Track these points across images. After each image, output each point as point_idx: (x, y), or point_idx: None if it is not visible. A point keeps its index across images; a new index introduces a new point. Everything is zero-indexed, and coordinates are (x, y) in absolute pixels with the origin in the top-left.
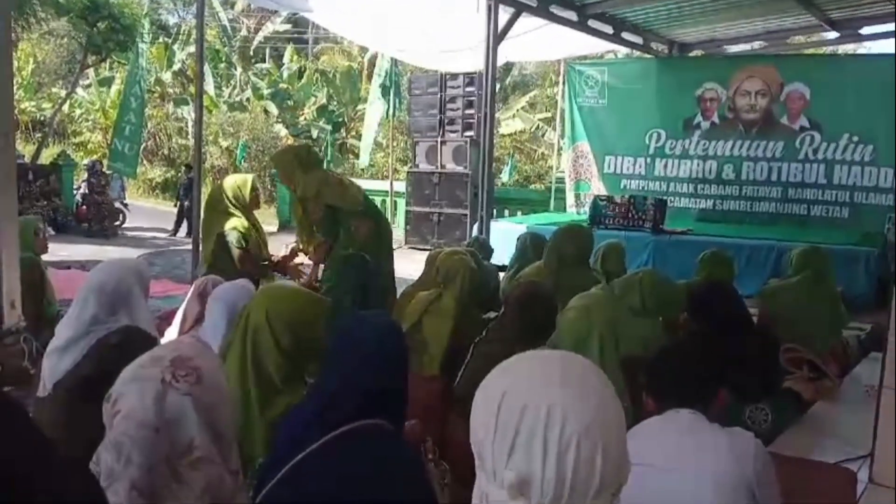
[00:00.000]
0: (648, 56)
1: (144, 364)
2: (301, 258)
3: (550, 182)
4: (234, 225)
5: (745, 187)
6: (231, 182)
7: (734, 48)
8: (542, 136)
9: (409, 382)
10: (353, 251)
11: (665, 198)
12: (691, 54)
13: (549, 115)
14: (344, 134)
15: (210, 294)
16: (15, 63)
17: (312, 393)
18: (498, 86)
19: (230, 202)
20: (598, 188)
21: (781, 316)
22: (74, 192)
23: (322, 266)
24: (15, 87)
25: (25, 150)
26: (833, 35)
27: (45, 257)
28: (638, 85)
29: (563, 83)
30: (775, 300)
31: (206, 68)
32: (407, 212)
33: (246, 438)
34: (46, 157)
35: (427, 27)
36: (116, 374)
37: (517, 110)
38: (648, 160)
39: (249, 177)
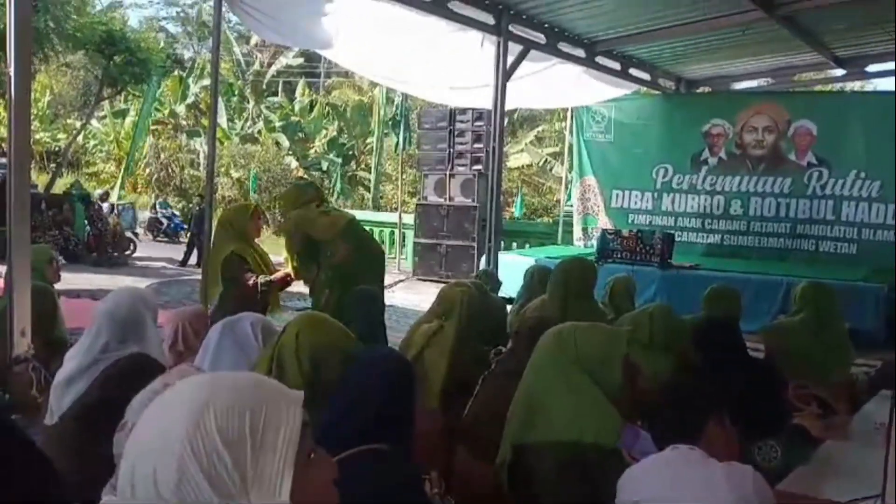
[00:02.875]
0: (655, 92)
1: (157, 389)
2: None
3: (558, 215)
4: (234, 249)
5: (752, 223)
6: (232, 210)
7: (741, 84)
8: (550, 169)
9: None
10: (341, 277)
11: (673, 232)
12: (698, 90)
13: (557, 149)
14: (354, 166)
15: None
16: (32, 94)
17: (318, 418)
18: (506, 120)
19: (232, 230)
20: (605, 222)
21: (788, 352)
22: (85, 222)
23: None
24: (31, 118)
25: (39, 179)
26: (840, 72)
27: (56, 285)
28: (645, 121)
29: (571, 119)
30: (781, 336)
31: (220, 101)
32: (415, 243)
33: None
34: (59, 186)
35: (439, 64)
36: (121, 401)
37: (525, 144)
38: (656, 195)
39: (250, 205)
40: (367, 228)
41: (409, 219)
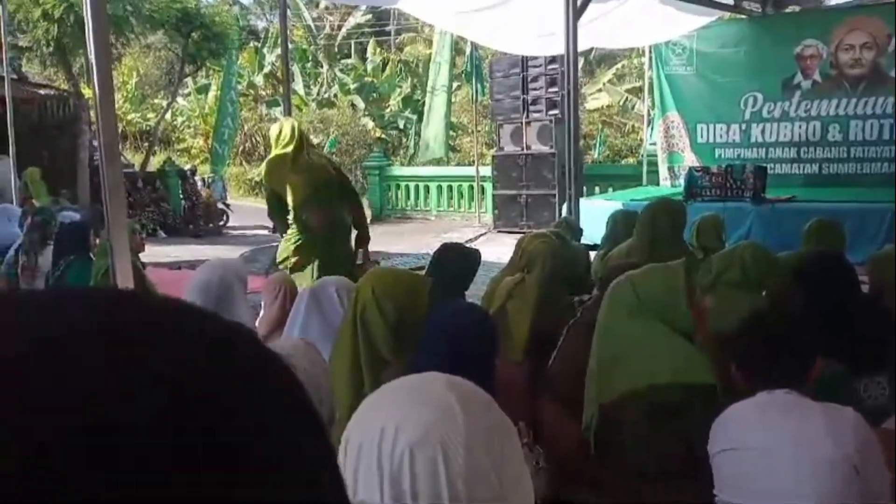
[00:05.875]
0: (740, 17)
1: None
2: None
3: (642, 156)
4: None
5: (853, 148)
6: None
7: (833, 0)
8: (632, 108)
9: (497, 367)
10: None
11: (765, 164)
12: (787, 10)
13: (638, 85)
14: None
15: (288, 301)
16: (120, 77)
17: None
18: (582, 60)
19: None
20: (692, 159)
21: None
22: (180, 196)
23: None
24: (121, 100)
25: (134, 158)
26: None
27: (158, 258)
28: (729, 48)
29: (650, 53)
30: (889, 266)
31: (295, 68)
32: (494, 196)
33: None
34: (153, 164)
35: (509, 12)
36: None
37: (604, 84)
38: (744, 126)
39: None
40: (446, 184)
41: (486, 171)
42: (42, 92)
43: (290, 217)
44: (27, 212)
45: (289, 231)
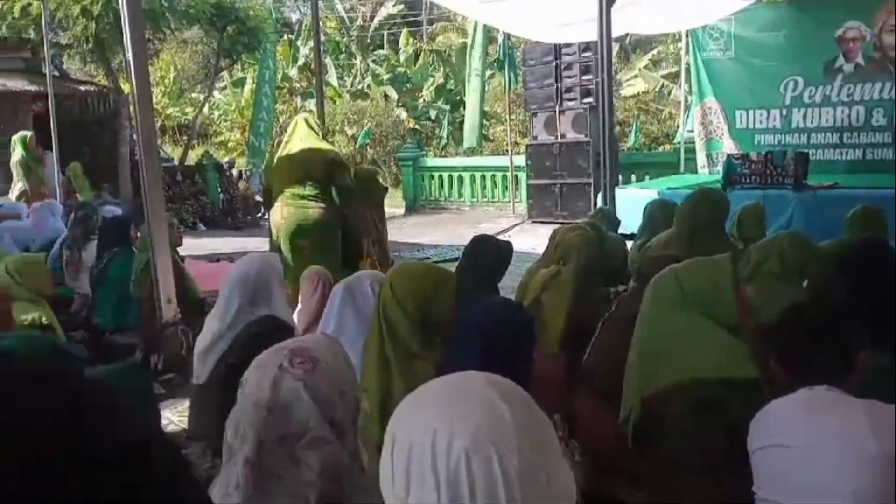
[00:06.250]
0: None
1: (270, 352)
2: None
3: (679, 143)
4: None
5: None
6: None
7: None
8: (668, 94)
9: (533, 360)
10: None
11: (806, 150)
12: None
13: (675, 70)
14: (463, 112)
15: (327, 293)
16: (158, 72)
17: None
18: (617, 46)
19: None
20: (730, 146)
21: None
22: (219, 189)
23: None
24: (159, 95)
25: (173, 153)
26: None
27: (197, 251)
28: (769, 31)
29: (687, 38)
30: None
31: (328, 60)
32: (528, 185)
33: (387, 410)
34: (192, 158)
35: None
36: None
37: (640, 70)
38: (784, 111)
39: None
40: (479, 175)
41: (519, 160)
42: (83, 88)
43: None
44: (71, 207)
45: None
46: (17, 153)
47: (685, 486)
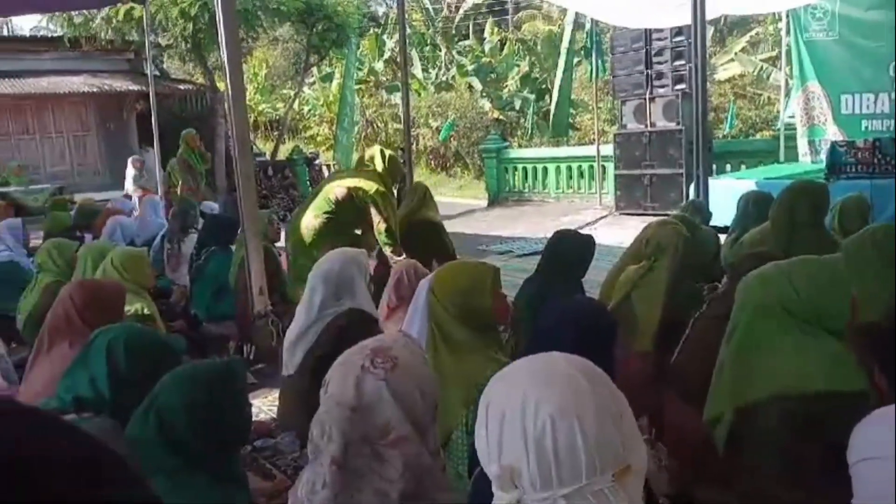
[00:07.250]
0: None
1: (352, 351)
2: None
3: (778, 129)
4: None
5: None
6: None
7: None
8: (767, 78)
9: (619, 360)
10: None
11: None
12: None
13: (774, 53)
14: (548, 101)
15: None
16: (251, 70)
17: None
18: (711, 29)
19: None
20: (834, 132)
21: None
22: (308, 183)
23: None
24: (252, 91)
25: (265, 147)
26: None
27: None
28: (877, 10)
29: (787, 18)
30: None
31: (413, 53)
32: (616, 176)
33: (443, 410)
34: (282, 152)
35: None
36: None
37: (736, 53)
38: (893, 95)
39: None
40: (565, 165)
41: (607, 150)
42: (181, 87)
43: None
44: (171, 201)
45: None
46: (180, 151)
47: (780, 497)
